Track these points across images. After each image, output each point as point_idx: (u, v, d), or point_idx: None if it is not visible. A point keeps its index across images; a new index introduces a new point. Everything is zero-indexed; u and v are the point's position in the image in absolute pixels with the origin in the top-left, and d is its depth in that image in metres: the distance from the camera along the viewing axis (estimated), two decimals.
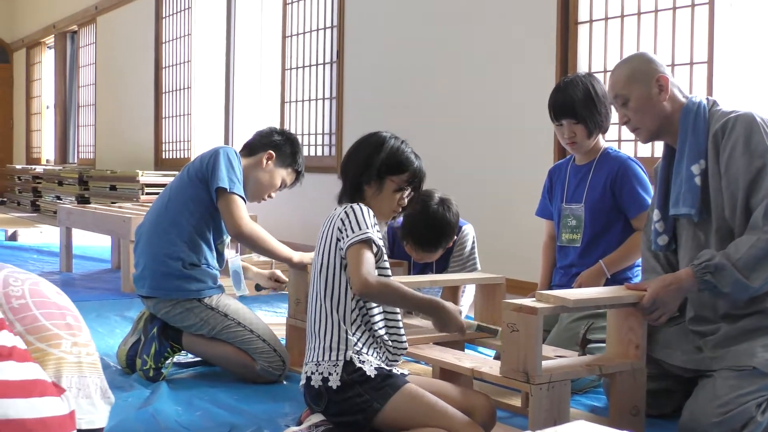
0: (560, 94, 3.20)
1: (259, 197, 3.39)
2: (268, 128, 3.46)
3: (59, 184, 10.95)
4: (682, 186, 2.52)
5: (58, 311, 1.80)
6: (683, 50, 4.35)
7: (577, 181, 3.28)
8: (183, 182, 3.19)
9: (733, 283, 2.32)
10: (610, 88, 2.64)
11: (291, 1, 7.67)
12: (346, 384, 2.20)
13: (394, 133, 2.45)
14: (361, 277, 2.20)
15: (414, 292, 2.29)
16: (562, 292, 2.35)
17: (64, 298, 1.87)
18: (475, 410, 2.25)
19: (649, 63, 2.60)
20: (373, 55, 6.59)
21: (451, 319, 2.31)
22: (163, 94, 10.25)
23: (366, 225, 2.26)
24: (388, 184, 2.38)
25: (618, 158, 3.22)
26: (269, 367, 3.06)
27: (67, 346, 1.75)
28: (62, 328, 1.76)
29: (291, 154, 3.37)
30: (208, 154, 3.18)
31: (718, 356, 2.43)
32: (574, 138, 3.19)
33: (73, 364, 1.74)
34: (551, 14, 4.89)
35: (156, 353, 3.11)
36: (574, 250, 3.24)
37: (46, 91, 14.70)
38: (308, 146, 7.49)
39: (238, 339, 3.08)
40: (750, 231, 2.34)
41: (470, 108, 5.56)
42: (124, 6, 11.21)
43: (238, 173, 3.14)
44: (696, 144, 2.50)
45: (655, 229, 2.65)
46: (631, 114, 2.58)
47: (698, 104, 2.55)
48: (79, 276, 5.85)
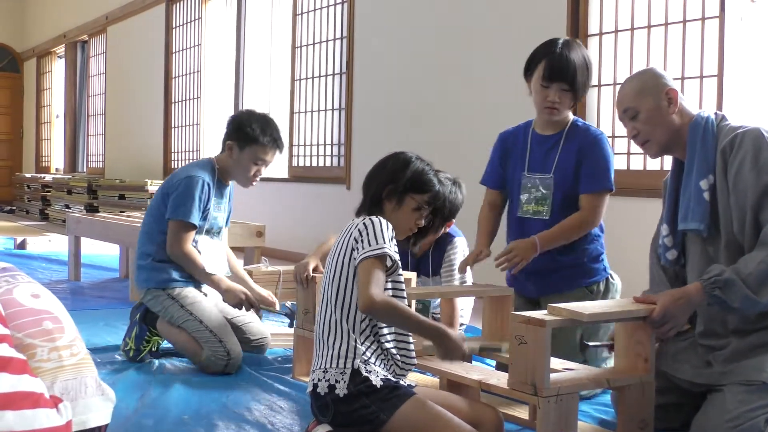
0: (560, 57, 3.04)
1: (246, 181, 3.63)
2: (228, 121, 3.66)
3: (68, 193, 10.99)
4: (691, 201, 2.51)
5: (32, 318, 1.78)
6: (693, 63, 4.35)
7: (545, 150, 3.16)
8: (157, 198, 3.61)
9: (742, 299, 2.31)
10: (619, 102, 2.63)
11: (301, 12, 7.70)
12: (353, 395, 2.19)
13: (419, 155, 2.48)
14: (368, 295, 2.20)
15: (420, 317, 2.29)
16: (574, 306, 2.34)
17: (42, 301, 1.84)
18: (483, 423, 2.24)
19: (658, 77, 2.61)
20: (383, 67, 6.60)
21: (455, 348, 2.28)
22: (172, 103, 10.28)
23: (383, 239, 2.26)
24: (409, 202, 2.40)
25: (588, 130, 3.13)
26: (213, 356, 3.32)
27: (43, 354, 1.73)
28: (36, 336, 1.75)
29: (246, 133, 3.53)
30: (176, 180, 3.52)
31: (727, 371, 2.42)
32: (557, 104, 3.07)
33: (50, 371, 1.72)
34: (561, 27, 4.90)
35: (137, 336, 3.50)
36: (540, 223, 3.12)
37: (56, 100, 14.77)
38: (317, 157, 7.51)
39: (190, 328, 3.40)
40: (760, 247, 2.33)
41: (479, 120, 5.57)
42: (134, 16, 11.27)
43: (192, 200, 3.45)
44: (705, 159, 2.50)
45: (664, 244, 2.65)
46: (640, 126, 2.58)
47: (707, 119, 2.55)
48: (88, 285, 5.86)
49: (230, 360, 3.33)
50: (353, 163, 6.86)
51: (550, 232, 3.05)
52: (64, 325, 1.82)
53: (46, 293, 1.89)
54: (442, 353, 2.29)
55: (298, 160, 7.75)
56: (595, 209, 3.08)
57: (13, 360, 1.62)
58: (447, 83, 5.90)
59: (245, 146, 3.53)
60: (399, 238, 2.44)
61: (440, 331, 2.28)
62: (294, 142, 7.79)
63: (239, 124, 3.55)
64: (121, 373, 3.28)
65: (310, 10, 7.57)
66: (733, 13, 4.17)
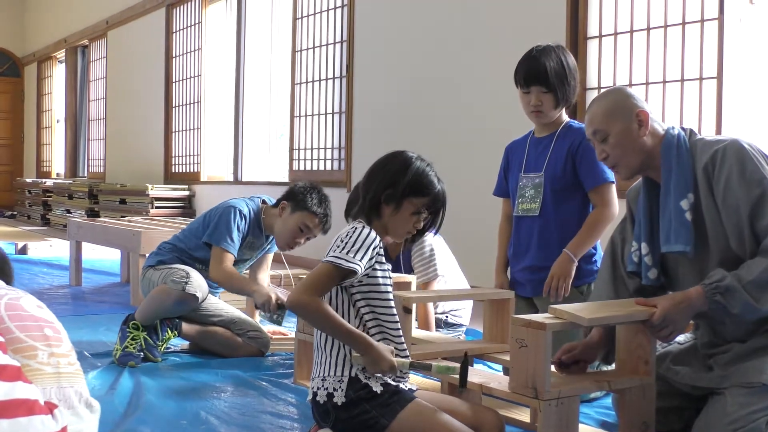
0: (533, 60, 3.16)
1: (284, 244, 3.77)
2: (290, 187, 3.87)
3: (69, 198, 11.00)
4: (672, 222, 2.46)
5: (35, 323, 1.79)
6: (693, 65, 4.35)
7: (538, 152, 3.24)
8: (198, 226, 3.87)
9: (743, 305, 2.30)
10: (588, 123, 2.57)
11: (301, 15, 7.70)
12: (353, 401, 2.19)
13: (420, 155, 2.43)
14: (298, 294, 2.21)
15: (349, 327, 2.23)
16: (573, 308, 2.34)
17: (45, 311, 1.87)
18: (484, 426, 2.24)
19: (628, 98, 2.54)
20: (383, 70, 6.61)
21: (382, 360, 2.23)
22: (173, 108, 10.29)
23: (354, 251, 2.23)
24: (407, 206, 2.35)
25: (580, 130, 3.17)
26: (172, 280, 3.59)
27: (43, 357, 1.74)
28: (38, 339, 1.76)
29: (302, 199, 3.69)
30: (217, 211, 3.79)
31: (728, 374, 2.41)
32: (540, 107, 3.16)
33: (51, 375, 1.73)
34: (561, 29, 4.90)
35: (120, 338, 3.62)
36: (531, 220, 3.19)
37: (57, 105, 14.79)
38: (317, 160, 7.51)
39: (164, 276, 3.67)
40: (762, 254, 2.31)
41: (479, 123, 5.57)
42: (134, 20, 11.28)
43: (231, 231, 3.72)
44: (682, 178, 2.45)
45: (645, 263, 2.57)
46: (609, 150, 2.52)
47: (678, 136, 2.49)
48: (89, 290, 5.86)
49: (188, 279, 3.58)
50: (354, 167, 6.87)
51: (576, 239, 3.11)
52: (61, 335, 1.83)
53: (45, 307, 1.91)
54: (369, 364, 2.23)
55: (299, 164, 7.75)
56: (605, 201, 3.14)
57: (8, 367, 1.62)
58: (447, 87, 5.90)
59: (297, 210, 3.68)
60: (398, 241, 2.44)
61: (367, 344, 2.23)
62: (294, 146, 7.79)
63: (299, 192, 3.71)
64: (119, 378, 3.28)
65: (310, 14, 7.58)
66: (733, 14, 4.18)
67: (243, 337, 3.74)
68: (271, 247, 3.99)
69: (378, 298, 2.32)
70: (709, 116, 4.24)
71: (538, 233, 3.19)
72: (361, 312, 2.30)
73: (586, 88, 4.89)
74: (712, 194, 2.41)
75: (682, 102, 4.40)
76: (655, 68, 4.55)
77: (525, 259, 3.22)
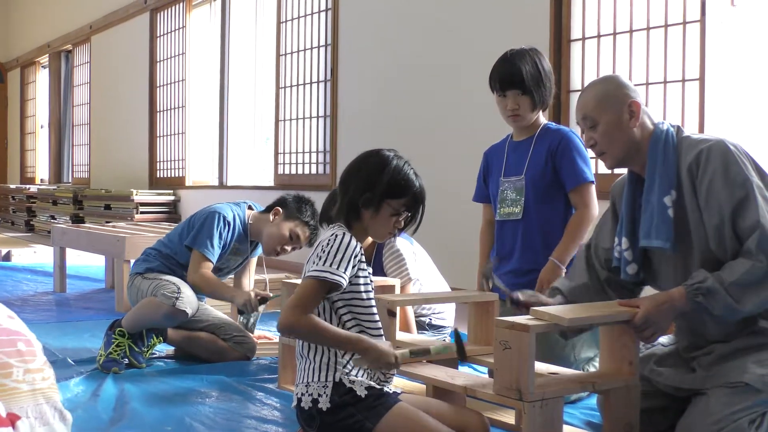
0: (507, 64, 3.18)
1: (271, 249, 3.78)
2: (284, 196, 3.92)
3: (53, 204, 10.95)
4: (654, 218, 2.46)
5: (7, 338, 1.76)
6: (675, 67, 4.37)
7: (517, 156, 3.26)
8: (183, 229, 3.85)
9: (724, 307, 2.31)
10: (579, 108, 2.57)
11: (285, 19, 7.70)
12: (339, 406, 2.19)
13: (397, 152, 2.37)
14: (287, 316, 2.19)
15: (341, 333, 2.23)
16: (556, 310, 2.35)
17: (16, 322, 1.84)
18: (469, 428, 2.25)
19: (621, 87, 2.53)
20: (367, 73, 6.61)
21: (384, 355, 2.23)
22: (157, 112, 10.26)
23: (335, 262, 2.21)
24: (385, 208, 2.31)
25: (559, 131, 3.21)
26: (163, 294, 3.55)
27: (18, 375, 1.72)
28: (12, 355, 1.74)
29: (296, 208, 3.77)
30: (201, 215, 3.78)
31: (711, 374, 2.42)
32: (517, 110, 3.18)
33: (27, 393, 1.71)
34: (544, 32, 4.92)
35: (105, 344, 3.60)
36: (514, 224, 3.21)
37: (41, 110, 14.71)
38: (302, 164, 7.50)
39: (153, 287, 3.64)
40: (744, 256, 2.31)
41: (463, 125, 5.58)
42: (118, 25, 11.24)
43: (213, 237, 3.70)
44: (666, 174, 2.45)
45: (624, 258, 2.57)
46: (597, 137, 2.52)
47: (666, 132, 2.49)
48: (73, 296, 5.83)
49: (179, 295, 3.55)
50: (339, 171, 6.83)
51: (560, 245, 3.12)
52: (35, 348, 1.81)
53: (16, 317, 1.89)
54: (370, 362, 2.23)
55: (284, 168, 7.74)
56: (585, 202, 3.16)
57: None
58: (431, 89, 5.91)
59: (291, 218, 3.76)
60: (380, 241, 2.45)
61: (367, 345, 2.22)
62: (279, 150, 7.78)
63: (294, 201, 3.80)
64: (102, 384, 3.26)
65: (294, 18, 7.57)
66: (714, 16, 4.20)
67: (229, 342, 3.73)
68: (255, 253, 3.98)
69: (360, 305, 2.31)
70: (692, 118, 4.26)
71: (522, 237, 3.20)
72: (343, 319, 2.29)
73: (570, 90, 4.90)
74: (695, 194, 2.42)
75: (665, 104, 4.42)
76: (638, 70, 4.57)
77: (509, 263, 3.23)
